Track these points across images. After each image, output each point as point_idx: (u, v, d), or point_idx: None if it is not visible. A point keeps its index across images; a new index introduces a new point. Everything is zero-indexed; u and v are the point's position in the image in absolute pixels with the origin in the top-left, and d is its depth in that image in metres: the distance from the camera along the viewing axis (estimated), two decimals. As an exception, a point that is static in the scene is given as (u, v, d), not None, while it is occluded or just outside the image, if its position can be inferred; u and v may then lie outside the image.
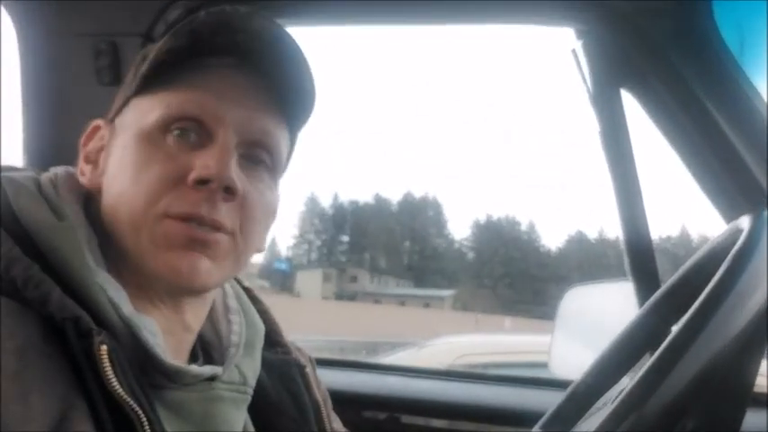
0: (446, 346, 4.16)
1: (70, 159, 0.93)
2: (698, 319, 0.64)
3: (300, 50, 0.78)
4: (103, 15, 1.43)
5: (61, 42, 1.45)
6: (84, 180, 0.81)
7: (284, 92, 0.80)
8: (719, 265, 0.69)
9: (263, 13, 0.77)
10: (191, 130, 0.76)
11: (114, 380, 0.64)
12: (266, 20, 0.76)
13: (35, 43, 1.46)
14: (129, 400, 0.65)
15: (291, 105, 0.82)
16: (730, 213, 1.22)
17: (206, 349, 0.86)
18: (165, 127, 0.75)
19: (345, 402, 1.23)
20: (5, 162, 0.87)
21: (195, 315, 0.82)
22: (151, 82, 0.77)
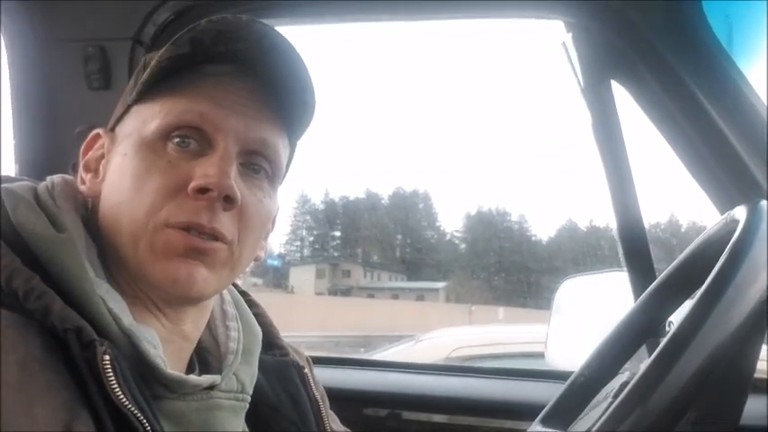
0: (442, 339, 4.18)
1: (63, 165, 0.92)
2: (699, 311, 0.64)
3: (301, 59, 0.78)
4: (91, 20, 1.43)
5: (50, 48, 1.45)
6: (83, 188, 0.81)
7: (284, 100, 0.80)
8: (716, 256, 0.70)
9: (253, 13, 0.77)
10: (191, 138, 0.76)
11: (118, 389, 0.65)
12: (267, 28, 0.76)
13: (24, 50, 1.45)
14: (133, 409, 0.65)
15: (291, 113, 0.82)
16: (723, 203, 1.23)
17: (203, 356, 0.86)
18: (165, 135, 0.75)
19: (346, 400, 1.24)
20: (-1, 171, 0.87)
21: (194, 324, 0.82)
22: (152, 90, 0.77)
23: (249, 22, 0.75)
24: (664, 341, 0.64)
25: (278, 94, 0.80)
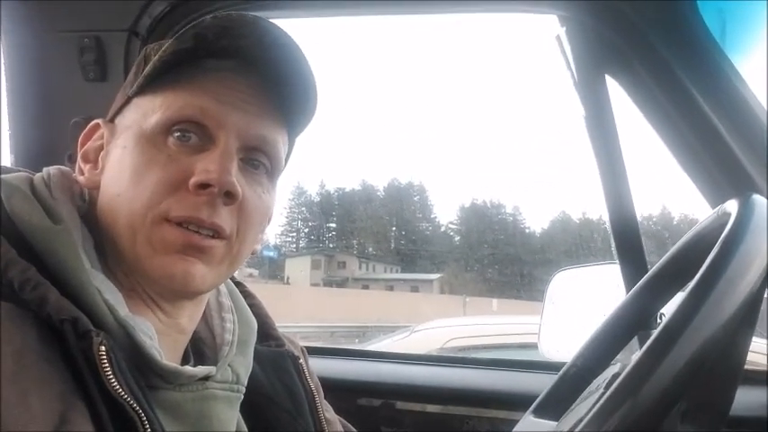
0: (436, 330, 4.18)
1: (58, 156, 0.92)
2: (691, 304, 0.64)
3: (304, 56, 0.78)
4: (87, 12, 1.42)
5: (46, 40, 1.44)
6: (82, 179, 0.81)
7: (286, 97, 0.81)
8: (707, 249, 0.70)
9: (250, 7, 0.77)
10: (192, 133, 0.76)
11: (114, 380, 0.65)
12: (270, 25, 0.76)
13: (19, 41, 1.45)
14: (129, 399, 0.65)
15: (292, 110, 0.82)
16: (715, 197, 1.23)
17: (198, 347, 0.86)
18: (165, 129, 0.75)
19: (340, 390, 1.24)
20: (-3, 163, 0.87)
21: (190, 317, 0.82)
22: (153, 83, 0.77)
23: (253, 19, 0.75)
24: (655, 333, 0.64)
25: (280, 91, 0.80)
